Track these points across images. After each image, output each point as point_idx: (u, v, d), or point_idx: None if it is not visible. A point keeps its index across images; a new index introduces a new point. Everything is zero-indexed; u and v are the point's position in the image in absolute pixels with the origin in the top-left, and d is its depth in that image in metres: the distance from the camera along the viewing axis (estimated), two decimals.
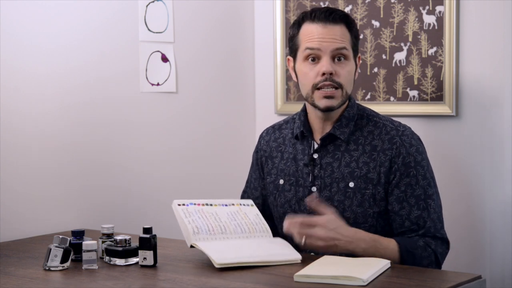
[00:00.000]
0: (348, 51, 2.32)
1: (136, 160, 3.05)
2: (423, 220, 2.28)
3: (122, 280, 2.05)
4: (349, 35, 2.33)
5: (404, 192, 2.29)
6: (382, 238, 2.25)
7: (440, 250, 2.29)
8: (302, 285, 1.96)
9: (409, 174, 2.30)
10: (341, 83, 2.30)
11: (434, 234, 2.29)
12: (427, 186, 2.31)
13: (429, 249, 2.27)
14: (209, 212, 2.31)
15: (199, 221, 2.26)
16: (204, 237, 2.22)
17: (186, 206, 2.31)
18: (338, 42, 2.30)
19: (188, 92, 3.23)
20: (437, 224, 2.30)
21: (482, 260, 2.92)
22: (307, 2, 3.32)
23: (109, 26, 2.95)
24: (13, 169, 2.67)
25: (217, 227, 2.26)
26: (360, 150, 2.34)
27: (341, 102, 2.32)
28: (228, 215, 2.32)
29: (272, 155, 2.49)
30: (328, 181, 2.35)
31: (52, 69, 2.78)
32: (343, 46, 2.30)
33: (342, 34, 2.32)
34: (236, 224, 2.30)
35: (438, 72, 3.00)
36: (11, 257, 2.35)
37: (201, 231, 2.23)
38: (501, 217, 2.88)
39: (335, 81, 2.29)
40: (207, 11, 3.29)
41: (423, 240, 2.27)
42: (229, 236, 2.26)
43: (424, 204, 2.29)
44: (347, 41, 2.32)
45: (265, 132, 2.57)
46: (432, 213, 2.29)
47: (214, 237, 2.24)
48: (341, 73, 2.30)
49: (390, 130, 2.35)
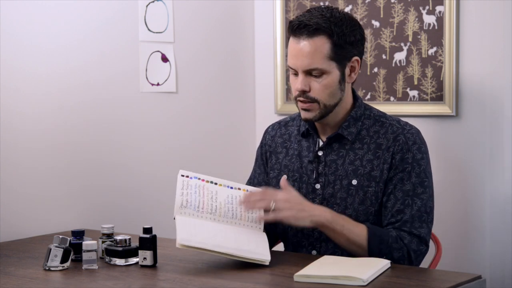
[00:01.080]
0: (321, 67, 2.27)
1: (136, 160, 3.05)
2: (403, 214, 2.27)
3: (122, 280, 2.05)
4: (327, 46, 2.26)
5: (394, 185, 2.29)
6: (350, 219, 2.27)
7: (414, 247, 2.25)
8: (302, 285, 1.96)
9: (404, 170, 2.29)
10: (315, 98, 2.30)
11: (410, 230, 2.25)
12: (418, 184, 2.29)
13: (400, 242, 2.24)
14: (209, 189, 2.28)
15: (193, 196, 2.24)
16: (190, 213, 2.20)
17: (189, 179, 2.29)
18: (308, 61, 2.27)
19: (188, 92, 3.23)
20: (415, 222, 2.26)
21: (482, 260, 2.92)
22: (307, 2, 3.32)
23: (109, 26, 2.96)
24: (13, 169, 2.68)
25: (208, 206, 2.24)
26: (365, 149, 2.34)
27: (319, 114, 2.32)
28: (228, 197, 2.29)
29: (276, 151, 2.50)
30: (331, 178, 2.35)
31: (52, 69, 2.78)
32: (314, 66, 2.27)
33: (315, 50, 2.26)
34: (229, 208, 2.27)
35: (438, 72, 3.00)
36: (11, 257, 2.35)
37: (189, 205, 2.21)
38: (501, 217, 2.88)
39: (309, 97, 2.30)
40: (207, 11, 3.29)
41: (396, 233, 2.25)
42: (216, 218, 2.23)
43: (410, 201, 2.27)
44: (322, 56, 2.26)
45: (270, 127, 2.58)
46: (415, 210, 2.27)
47: (200, 215, 2.21)
48: (316, 88, 2.29)
49: (396, 129, 2.35)
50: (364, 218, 2.31)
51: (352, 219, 2.28)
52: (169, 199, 2.41)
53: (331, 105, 2.32)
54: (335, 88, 2.31)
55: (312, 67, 2.27)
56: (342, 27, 2.28)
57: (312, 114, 2.32)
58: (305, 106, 2.31)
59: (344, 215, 2.27)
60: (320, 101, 2.30)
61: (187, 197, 2.23)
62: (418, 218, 2.27)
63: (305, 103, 2.31)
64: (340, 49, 2.28)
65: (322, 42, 2.27)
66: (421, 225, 2.27)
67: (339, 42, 2.27)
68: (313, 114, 2.32)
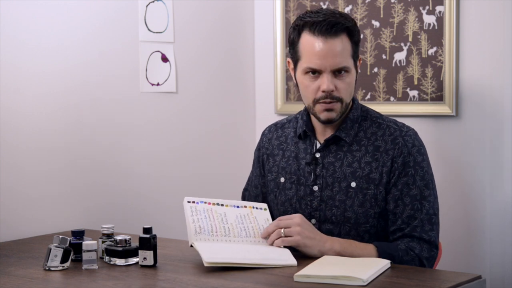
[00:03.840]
0: (348, 65, 2.30)
1: (136, 160, 3.05)
2: (414, 219, 2.28)
3: (122, 280, 2.05)
4: (350, 45, 2.30)
5: (401, 191, 2.29)
6: (358, 242, 2.26)
7: (426, 255, 2.26)
8: (302, 285, 1.96)
9: (407, 174, 2.30)
10: (341, 97, 2.31)
11: (420, 235, 2.26)
12: (424, 187, 2.30)
13: (411, 253, 2.25)
14: (217, 212, 2.29)
15: (204, 221, 2.24)
16: (205, 238, 2.21)
17: (196, 204, 2.29)
18: (339, 60, 2.28)
19: (188, 92, 3.23)
20: (425, 226, 2.27)
21: (482, 260, 2.92)
22: (307, 2, 3.32)
23: (109, 26, 2.95)
24: (13, 169, 2.67)
25: (221, 229, 2.25)
26: (363, 151, 2.34)
27: (340, 113, 2.34)
28: (237, 217, 2.30)
29: (273, 153, 2.49)
30: (329, 181, 2.35)
31: (52, 69, 2.78)
32: (344, 64, 2.28)
33: (343, 49, 2.28)
34: (242, 228, 2.28)
35: (438, 72, 3.00)
36: (11, 257, 2.35)
37: (203, 231, 2.22)
38: (501, 217, 2.88)
39: (335, 97, 2.30)
40: (207, 11, 3.29)
41: (405, 245, 2.25)
42: (231, 239, 2.24)
43: (419, 205, 2.28)
44: (348, 55, 2.30)
45: (267, 129, 2.58)
46: (424, 214, 2.28)
47: (216, 238, 2.22)
48: (342, 87, 2.30)
49: (394, 131, 2.35)
50: (364, 221, 2.31)
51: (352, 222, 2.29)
52: (169, 199, 2.42)
53: (347, 103, 2.35)
54: (353, 86, 2.35)
55: (342, 66, 2.28)
56: (356, 27, 2.33)
57: (335, 114, 2.32)
58: (329, 106, 2.31)
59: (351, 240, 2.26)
60: (344, 99, 2.32)
61: (199, 223, 2.23)
62: (428, 221, 2.28)
63: (330, 104, 2.30)
64: (357, 48, 2.34)
65: (346, 40, 2.30)
66: (431, 227, 2.28)
67: (357, 40, 2.33)
68: (336, 114, 2.33)
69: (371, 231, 2.31)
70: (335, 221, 2.32)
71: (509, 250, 2.86)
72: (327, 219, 2.33)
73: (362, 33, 3.14)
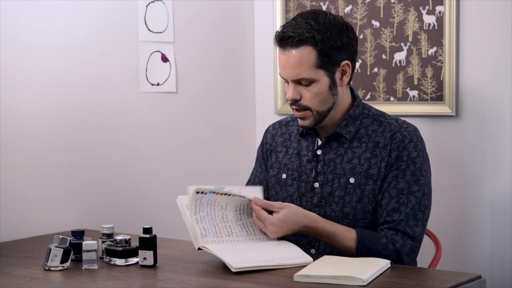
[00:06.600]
0: (309, 76, 2.28)
1: (136, 160, 3.05)
2: (398, 212, 2.28)
3: (122, 280, 2.05)
4: (313, 55, 2.27)
5: (389, 183, 2.30)
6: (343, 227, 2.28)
7: (407, 250, 2.25)
8: (302, 285, 1.96)
9: (399, 167, 2.30)
10: (307, 106, 2.32)
11: (405, 229, 2.26)
12: (413, 182, 2.29)
13: (391, 248, 2.24)
14: (219, 204, 2.27)
15: (207, 222, 2.23)
16: (212, 240, 2.19)
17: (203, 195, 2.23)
18: (295, 71, 2.28)
19: (188, 92, 3.23)
20: (410, 221, 2.27)
21: (482, 260, 2.92)
22: (307, 2, 3.32)
23: (109, 26, 2.96)
24: (13, 169, 2.68)
25: (223, 229, 2.24)
26: (363, 147, 2.35)
27: (314, 121, 2.34)
28: (236, 210, 2.29)
29: (276, 150, 2.51)
30: (330, 177, 2.36)
31: (52, 69, 2.78)
32: (302, 76, 2.28)
33: (301, 60, 2.27)
34: (242, 225, 2.28)
35: (438, 72, 3.00)
36: (11, 257, 2.35)
37: (208, 233, 2.21)
38: (501, 217, 2.88)
39: (301, 105, 2.32)
40: (207, 11, 3.29)
41: (389, 237, 2.26)
42: (235, 239, 2.24)
43: (405, 199, 2.28)
44: (309, 66, 2.27)
45: (271, 126, 2.59)
46: (409, 208, 2.27)
47: (221, 239, 2.22)
48: (307, 96, 2.31)
49: (394, 127, 2.35)
50: (362, 216, 2.31)
51: (351, 217, 2.30)
52: (169, 199, 2.41)
53: (324, 111, 2.34)
54: (325, 94, 2.32)
55: (300, 77, 2.29)
56: (327, 34, 2.27)
57: (307, 122, 2.35)
58: (299, 114, 2.34)
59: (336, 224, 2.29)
60: (312, 108, 2.32)
61: (202, 224, 2.22)
62: (413, 217, 2.27)
63: (299, 112, 2.34)
64: (326, 57, 2.28)
65: (307, 52, 2.27)
66: (416, 223, 2.27)
67: (324, 49, 2.27)
68: (308, 121, 2.35)
69: (369, 227, 2.31)
70: (334, 217, 2.33)
71: (509, 250, 2.87)
72: (326, 215, 2.34)
73: (362, 33, 3.14)
